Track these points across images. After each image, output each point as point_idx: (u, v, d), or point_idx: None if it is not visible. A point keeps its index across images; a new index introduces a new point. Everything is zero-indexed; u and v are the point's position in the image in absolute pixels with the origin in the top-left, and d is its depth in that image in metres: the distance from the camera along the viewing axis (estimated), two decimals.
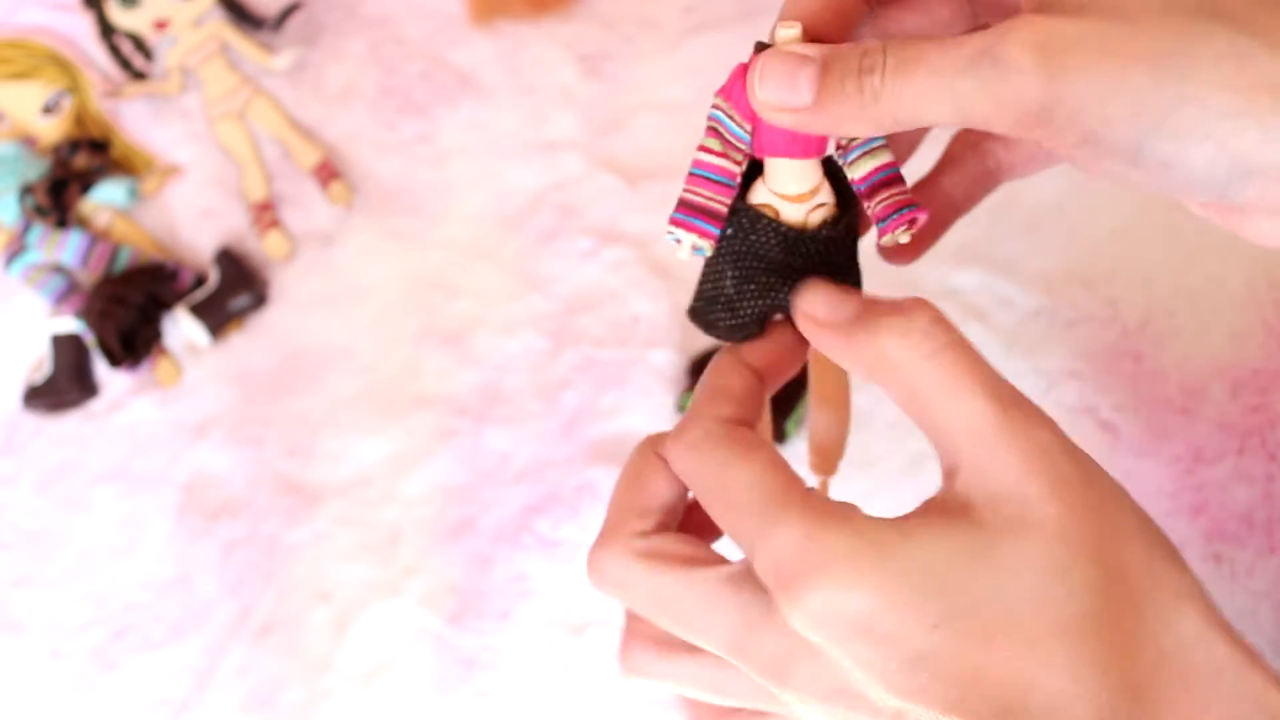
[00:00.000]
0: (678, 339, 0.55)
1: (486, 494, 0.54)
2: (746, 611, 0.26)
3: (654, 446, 0.30)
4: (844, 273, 0.30)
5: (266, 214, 0.59)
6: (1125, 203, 0.55)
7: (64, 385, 0.56)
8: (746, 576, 0.26)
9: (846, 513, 0.25)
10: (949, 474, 0.26)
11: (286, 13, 0.61)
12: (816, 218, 0.29)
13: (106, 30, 0.62)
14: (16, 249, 0.58)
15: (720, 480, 0.27)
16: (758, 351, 0.30)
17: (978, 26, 0.32)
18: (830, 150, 0.29)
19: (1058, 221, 0.56)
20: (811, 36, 0.28)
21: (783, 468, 0.26)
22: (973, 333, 0.54)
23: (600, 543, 0.29)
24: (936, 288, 0.55)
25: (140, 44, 0.62)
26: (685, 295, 0.32)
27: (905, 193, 0.29)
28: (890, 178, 0.29)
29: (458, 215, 0.59)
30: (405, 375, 0.56)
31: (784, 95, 0.27)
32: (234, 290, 0.57)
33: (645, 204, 0.58)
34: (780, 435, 0.51)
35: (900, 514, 0.26)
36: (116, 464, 0.56)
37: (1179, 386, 0.53)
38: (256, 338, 0.57)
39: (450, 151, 0.60)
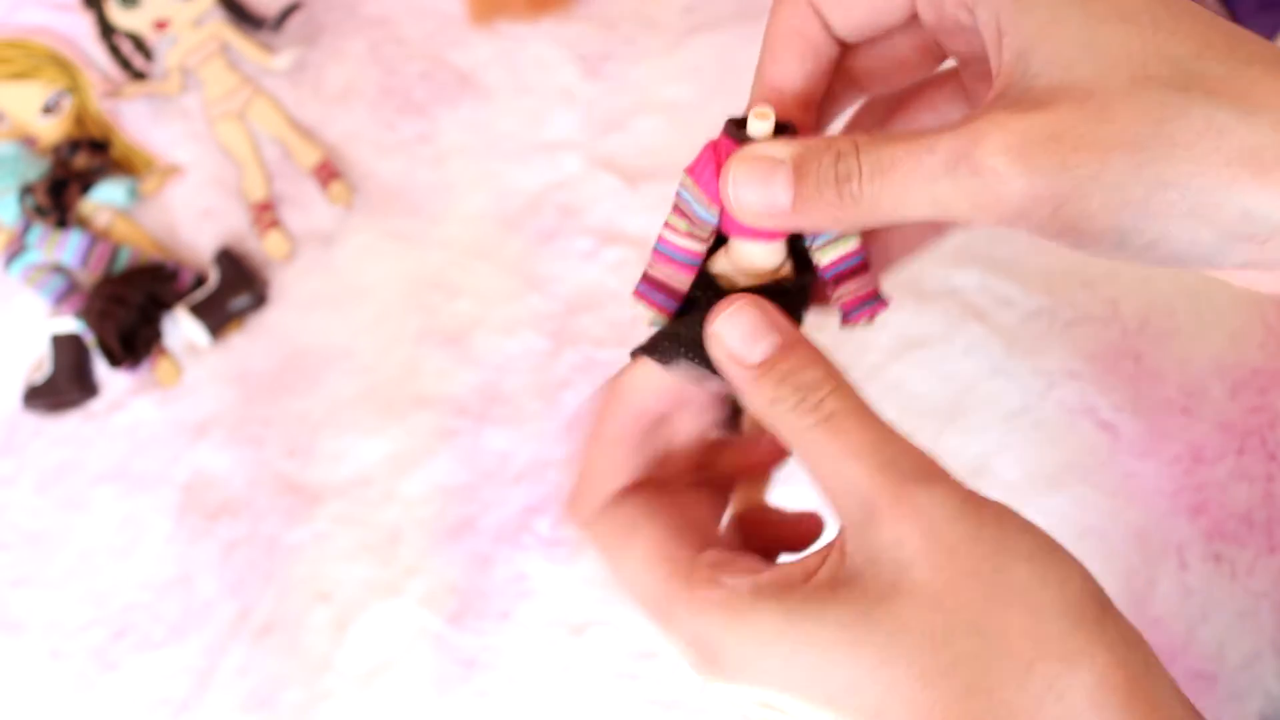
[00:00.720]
0: None
1: (486, 494, 0.54)
2: (667, 602, 0.27)
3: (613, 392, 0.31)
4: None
5: (266, 214, 0.59)
6: None
7: (64, 385, 0.56)
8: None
9: (729, 600, 0.26)
10: (839, 539, 0.26)
11: (286, 13, 0.61)
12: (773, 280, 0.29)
13: (106, 30, 0.62)
14: (16, 249, 0.58)
15: (614, 570, 0.28)
16: (662, 389, 0.30)
17: (942, 61, 0.32)
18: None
19: None
20: (782, 115, 0.28)
21: (662, 548, 0.27)
22: (973, 333, 0.54)
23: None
24: (936, 288, 0.55)
25: (140, 44, 0.62)
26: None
27: (870, 284, 0.29)
28: (856, 267, 0.29)
29: (458, 215, 0.59)
30: (405, 375, 0.56)
31: (761, 199, 0.27)
32: (234, 290, 0.57)
33: (645, 204, 0.58)
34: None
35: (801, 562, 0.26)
36: (116, 464, 0.56)
37: (1179, 386, 0.53)
38: (256, 338, 0.57)
39: (450, 151, 0.60)
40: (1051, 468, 0.52)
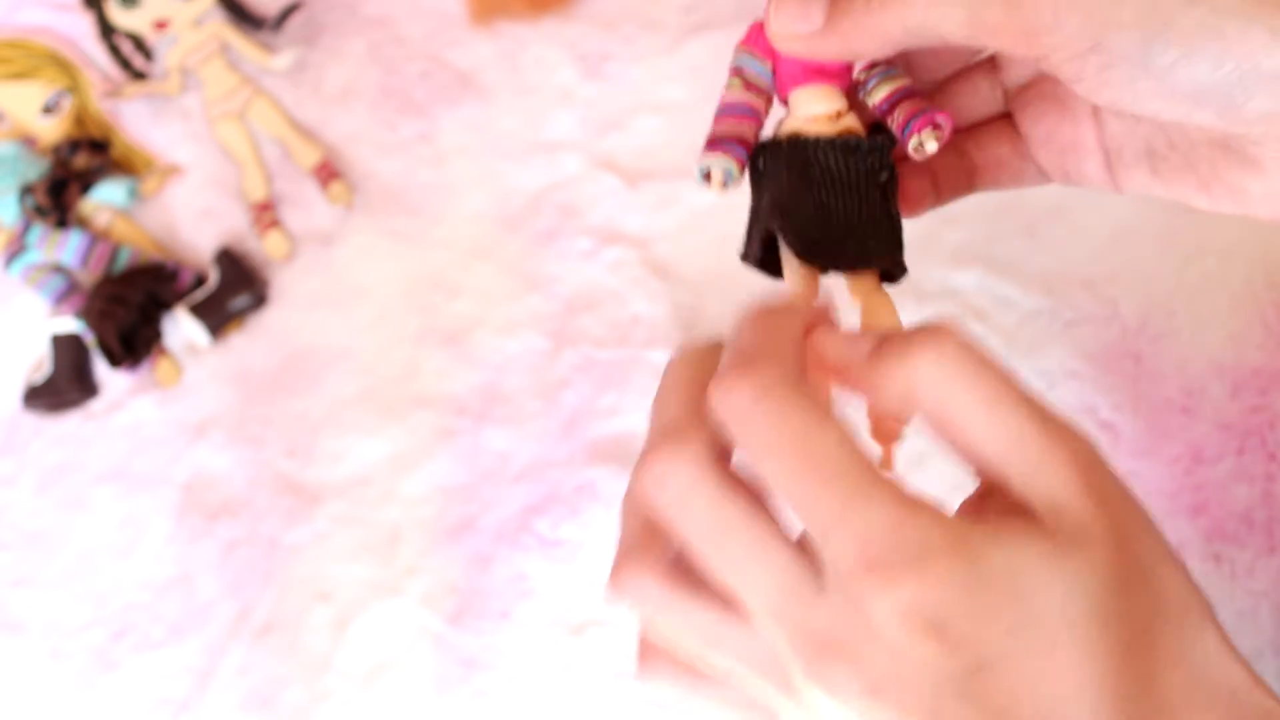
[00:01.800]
0: (678, 339, 0.55)
1: (486, 494, 0.54)
2: (800, 580, 0.24)
3: (692, 362, 0.27)
4: (869, 201, 0.30)
5: (266, 214, 0.59)
6: (1125, 203, 0.55)
7: (64, 385, 0.56)
8: (807, 544, 0.25)
9: (930, 504, 0.24)
10: (999, 487, 0.25)
11: (286, 13, 0.61)
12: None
13: (106, 30, 0.62)
14: (16, 249, 0.58)
15: (799, 439, 0.24)
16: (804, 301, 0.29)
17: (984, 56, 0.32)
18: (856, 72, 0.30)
19: (1058, 222, 0.56)
20: None
21: (858, 442, 0.25)
22: (973, 333, 0.54)
23: (667, 446, 0.26)
24: (936, 288, 0.55)
25: (140, 44, 0.62)
26: (685, 295, 0.32)
27: (924, 101, 0.30)
28: (908, 93, 0.30)
29: (458, 215, 0.59)
30: (405, 375, 0.56)
31: (797, 24, 0.28)
32: (234, 290, 0.57)
33: (645, 204, 0.58)
34: None
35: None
36: (116, 464, 0.56)
37: (1179, 386, 0.53)
38: (256, 338, 0.57)
39: (450, 151, 0.60)
40: None
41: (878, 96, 0.30)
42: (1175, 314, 0.54)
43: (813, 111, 0.30)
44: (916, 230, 0.35)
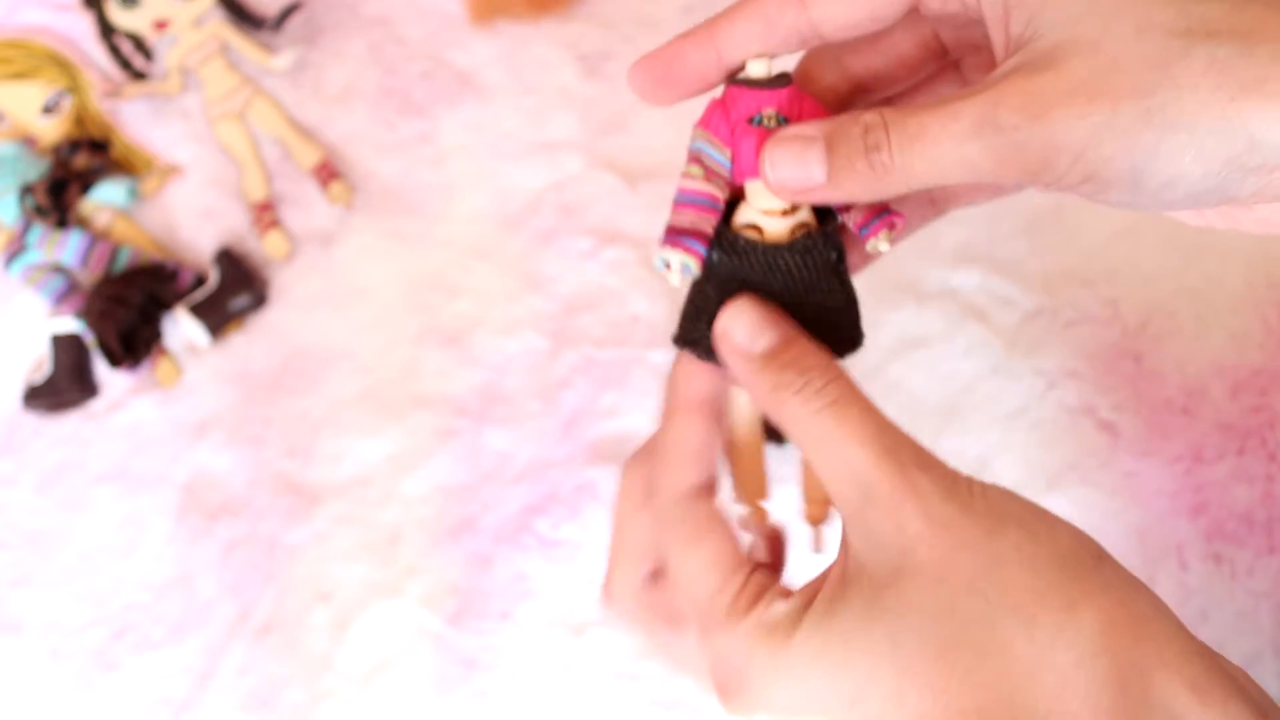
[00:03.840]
0: None
1: (486, 494, 0.54)
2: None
3: (638, 471, 0.32)
4: (825, 291, 0.30)
5: (266, 214, 0.59)
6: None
7: (64, 385, 0.56)
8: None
9: (763, 617, 0.27)
10: (843, 536, 0.27)
11: (286, 13, 0.61)
12: (799, 235, 0.30)
13: (106, 30, 0.62)
14: (16, 249, 0.58)
15: (675, 565, 0.29)
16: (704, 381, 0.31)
17: (946, 62, 0.32)
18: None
19: (1058, 221, 0.56)
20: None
21: (722, 559, 0.28)
22: (973, 333, 0.54)
23: (606, 583, 0.32)
24: (936, 288, 0.55)
25: (140, 44, 0.62)
26: (685, 296, 0.32)
27: (878, 205, 0.30)
28: None
29: (458, 215, 0.59)
30: (405, 375, 0.56)
31: (797, 176, 0.28)
32: (234, 290, 0.57)
33: (645, 204, 0.58)
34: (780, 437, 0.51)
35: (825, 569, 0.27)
36: (116, 464, 0.56)
37: (1179, 386, 0.53)
38: (256, 338, 0.57)
39: (450, 151, 0.60)
40: (1051, 468, 0.52)
41: None
42: (1175, 314, 0.54)
43: (767, 205, 0.30)
44: (916, 230, 0.35)
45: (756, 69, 0.29)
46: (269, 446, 0.56)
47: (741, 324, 0.29)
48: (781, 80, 0.30)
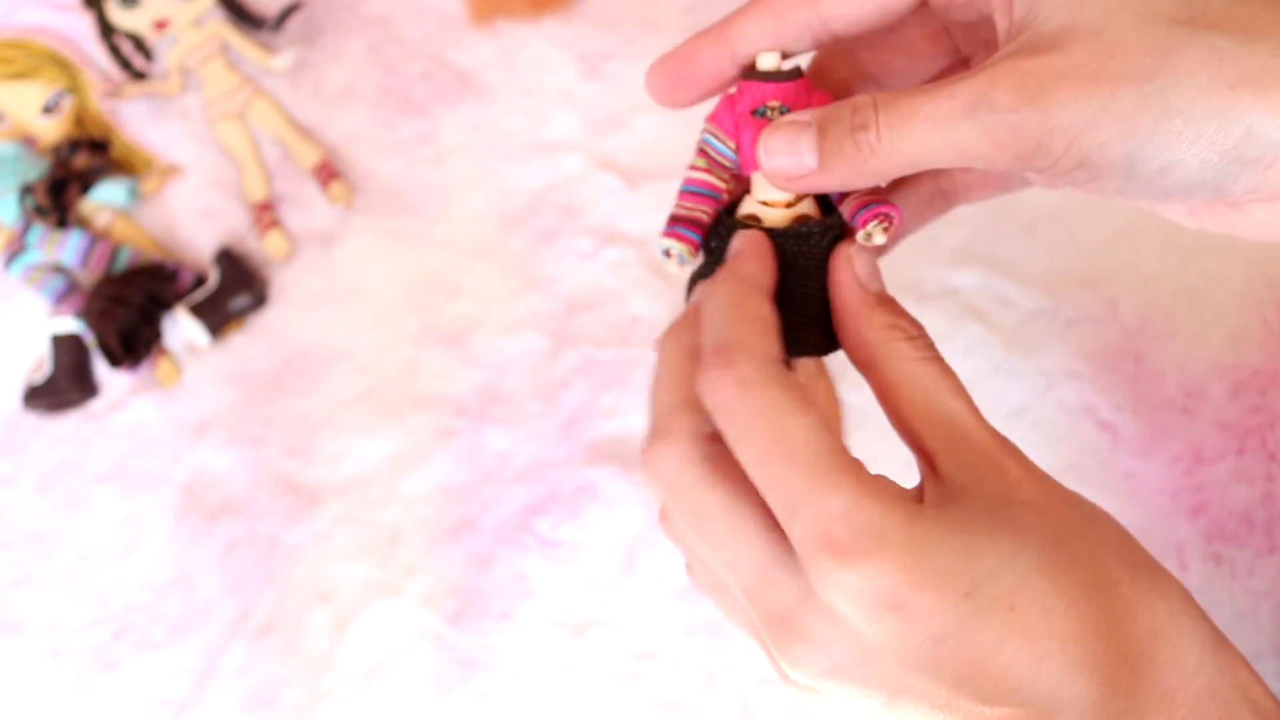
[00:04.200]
0: None
1: (486, 494, 0.54)
2: (772, 562, 0.26)
3: (680, 340, 0.29)
4: (818, 283, 0.30)
5: (266, 214, 0.59)
6: (1125, 204, 0.55)
7: (64, 385, 0.56)
8: (780, 528, 0.26)
9: (890, 487, 0.26)
10: (927, 462, 0.27)
11: (286, 13, 0.61)
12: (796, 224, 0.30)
13: (106, 30, 0.62)
14: (16, 249, 0.58)
15: (773, 427, 0.26)
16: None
17: (957, 59, 0.32)
18: None
19: (1058, 222, 0.56)
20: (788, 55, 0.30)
21: (833, 427, 0.28)
22: (973, 333, 0.54)
23: (660, 437, 0.28)
24: (936, 288, 0.55)
25: (140, 44, 0.62)
26: (684, 295, 0.32)
27: (876, 191, 0.30)
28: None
29: (458, 215, 0.59)
30: (405, 375, 0.56)
31: (790, 162, 0.28)
32: (234, 290, 0.57)
33: (645, 204, 0.58)
34: None
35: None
36: (116, 464, 0.56)
37: (1179, 386, 0.53)
38: (256, 338, 0.57)
39: (450, 151, 0.60)
40: (1051, 468, 0.52)
41: None
42: (1175, 314, 0.54)
43: (769, 196, 0.30)
44: (919, 229, 0.35)
45: (766, 61, 0.30)
46: (269, 446, 0.56)
47: (864, 261, 0.29)
48: (790, 74, 0.30)
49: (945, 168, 0.29)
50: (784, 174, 0.28)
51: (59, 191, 0.58)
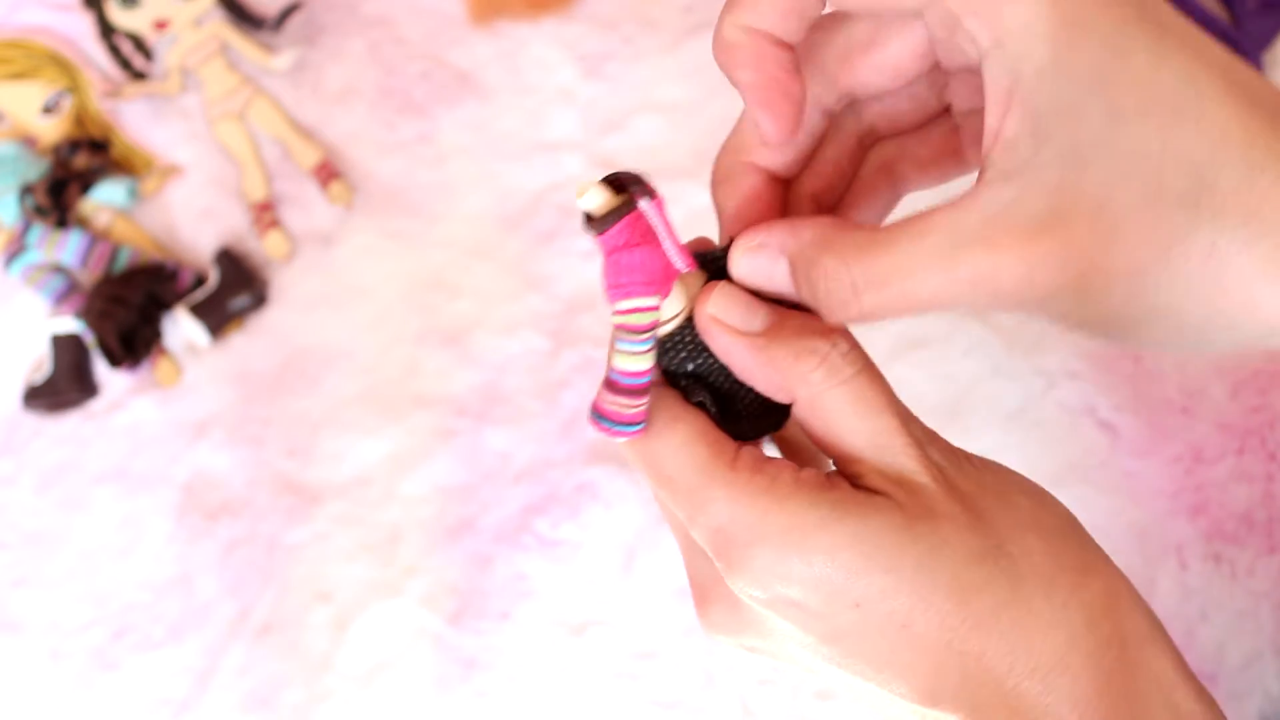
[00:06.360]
0: None
1: (486, 494, 0.54)
2: (709, 563, 0.28)
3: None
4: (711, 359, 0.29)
5: (266, 214, 0.59)
6: None
7: (64, 385, 0.56)
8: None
9: (773, 486, 0.26)
10: (852, 477, 0.27)
11: (286, 13, 0.61)
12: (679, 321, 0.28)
13: (106, 30, 0.62)
14: (16, 249, 0.58)
15: (647, 458, 0.27)
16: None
17: (944, 102, 0.30)
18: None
19: None
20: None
21: (705, 435, 0.27)
22: (973, 332, 0.54)
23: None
24: None
25: (140, 44, 0.62)
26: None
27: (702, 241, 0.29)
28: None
29: (458, 215, 0.59)
30: (405, 375, 0.56)
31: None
32: (234, 290, 0.57)
33: None
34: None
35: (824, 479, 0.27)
36: (116, 464, 0.56)
37: (1179, 386, 0.53)
38: (256, 338, 0.57)
39: (450, 151, 0.60)
40: (1051, 468, 0.52)
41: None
42: None
43: (666, 316, 0.28)
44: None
45: (586, 200, 0.27)
46: (269, 446, 0.56)
47: (733, 305, 0.27)
48: (619, 211, 0.27)
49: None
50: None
51: (59, 191, 0.58)
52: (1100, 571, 0.26)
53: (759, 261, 0.27)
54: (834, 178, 0.31)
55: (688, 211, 0.58)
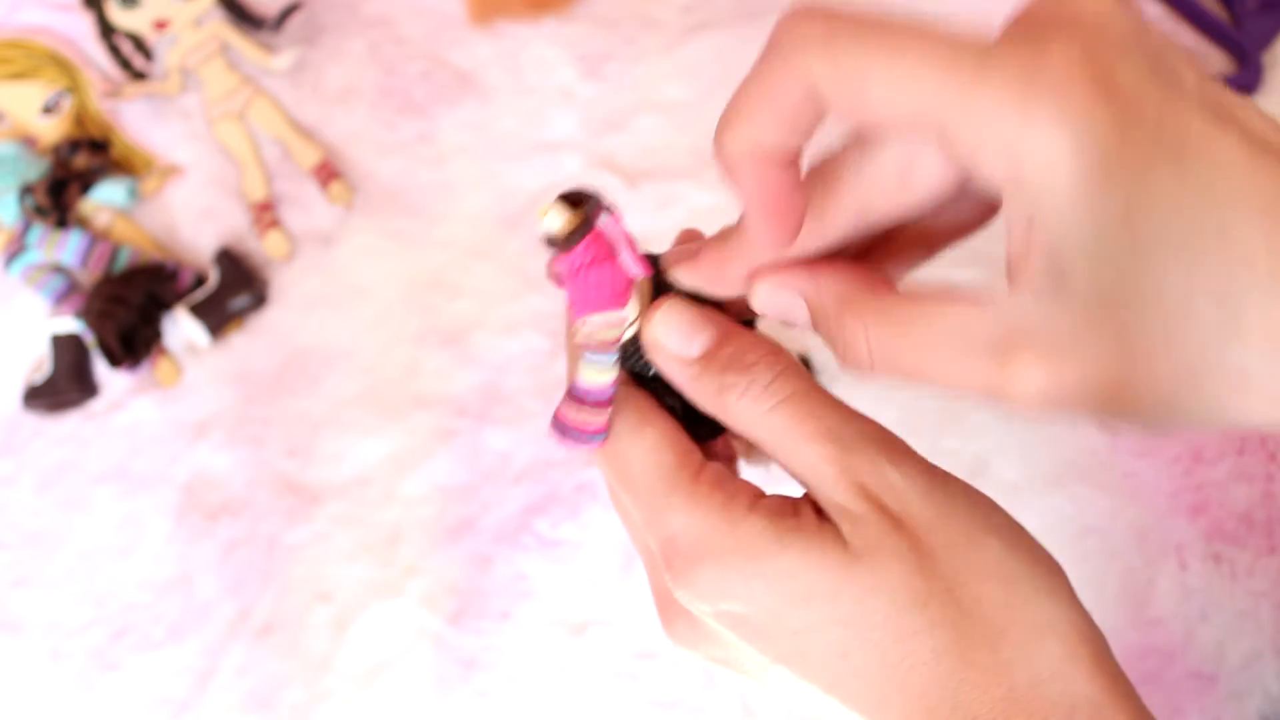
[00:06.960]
0: None
1: (486, 494, 0.54)
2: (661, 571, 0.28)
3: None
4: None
5: (266, 214, 0.59)
6: None
7: (64, 385, 0.56)
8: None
9: (729, 505, 0.26)
10: (813, 503, 0.26)
11: (286, 13, 0.61)
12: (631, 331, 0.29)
13: (106, 30, 0.62)
14: (16, 249, 0.58)
15: (613, 459, 0.27)
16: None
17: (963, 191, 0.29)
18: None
19: None
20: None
21: (673, 442, 0.27)
22: None
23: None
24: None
25: (140, 44, 0.62)
26: None
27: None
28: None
29: (458, 215, 0.59)
30: (405, 375, 0.56)
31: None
32: (234, 290, 0.57)
33: (645, 204, 0.58)
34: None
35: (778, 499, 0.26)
36: (116, 464, 0.56)
37: None
38: (256, 338, 0.57)
39: (450, 151, 0.60)
40: (1051, 468, 0.52)
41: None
42: None
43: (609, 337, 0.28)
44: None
45: (546, 223, 0.27)
46: (269, 446, 0.56)
47: (672, 328, 0.27)
48: (578, 233, 0.26)
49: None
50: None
51: (59, 191, 0.58)
52: (1061, 634, 0.24)
53: (781, 298, 0.27)
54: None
55: (688, 211, 0.58)
